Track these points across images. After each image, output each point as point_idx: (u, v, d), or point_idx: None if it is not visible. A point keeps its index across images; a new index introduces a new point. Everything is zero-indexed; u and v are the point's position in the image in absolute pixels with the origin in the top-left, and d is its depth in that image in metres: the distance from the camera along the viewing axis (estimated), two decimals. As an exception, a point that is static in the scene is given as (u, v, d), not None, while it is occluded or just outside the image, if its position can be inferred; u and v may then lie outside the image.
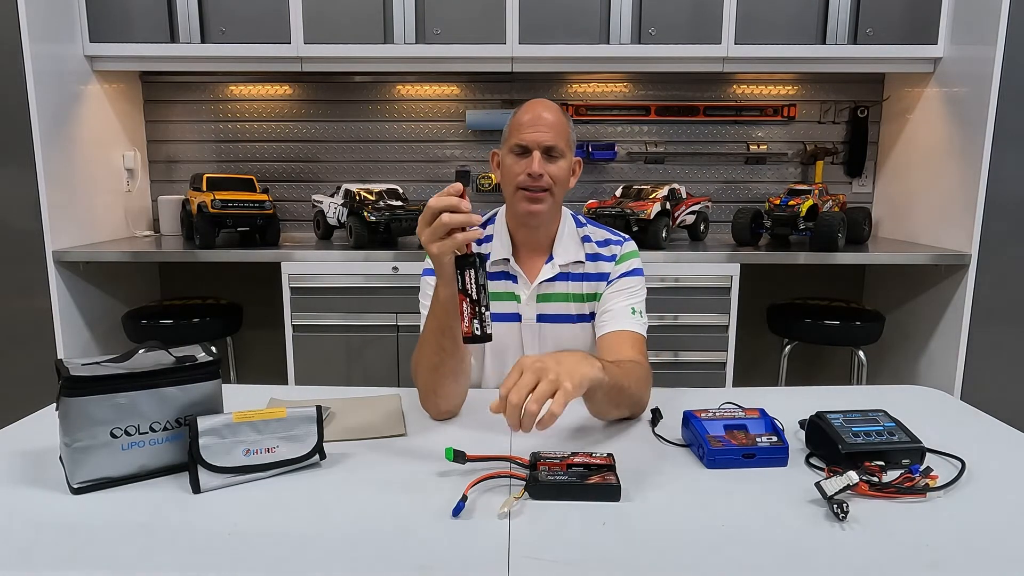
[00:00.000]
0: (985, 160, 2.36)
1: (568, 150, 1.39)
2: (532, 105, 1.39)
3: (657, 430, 1.16)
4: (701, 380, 2.52)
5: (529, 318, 1.44)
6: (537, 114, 1.37)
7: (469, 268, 1.01)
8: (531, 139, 1.35)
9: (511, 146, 1.38)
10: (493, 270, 1.44)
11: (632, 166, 3.09)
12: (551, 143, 1.35)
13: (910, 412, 1.13)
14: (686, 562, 0.77)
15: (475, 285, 1.01)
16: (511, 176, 1.38)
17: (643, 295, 1.44)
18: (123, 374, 0.94)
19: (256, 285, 2.88)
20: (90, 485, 0.92)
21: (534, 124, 1.36)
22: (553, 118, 1.37)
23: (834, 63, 2.64)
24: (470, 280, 1.01)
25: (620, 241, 1.50)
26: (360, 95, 3.04)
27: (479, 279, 1.02)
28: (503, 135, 1.43)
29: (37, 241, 2.40)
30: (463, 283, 1.02)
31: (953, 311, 2.53)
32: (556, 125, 1.37)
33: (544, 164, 1.35)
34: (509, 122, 1.42)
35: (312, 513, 0.87)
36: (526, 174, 1.35)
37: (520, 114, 1.39)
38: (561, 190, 1.39)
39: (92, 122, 2.67)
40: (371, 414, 1.22)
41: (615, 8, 2.57)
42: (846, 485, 0.87)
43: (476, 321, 1.02)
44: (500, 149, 1.45)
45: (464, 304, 1.02)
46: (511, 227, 1.45)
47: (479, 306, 1.01)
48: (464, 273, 1.02)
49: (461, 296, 1.02)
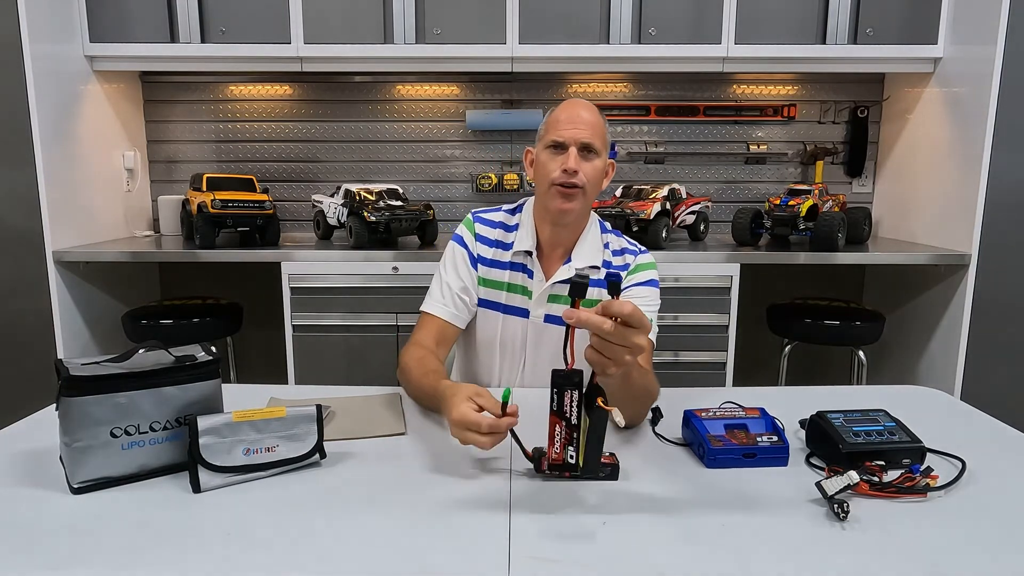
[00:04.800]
0: (985, 160, 2.36)
1: (604, 150, 1.39)
2: (570, 104, 1.39)
3: (657, 429, 1.16)
4: (701, 380, 2.52)
5: (537, 316, 1.44)
6: (575, 112, 1.37)
7: (572, 389, 0.87)
8: (569, 135, 1.35)
9: (547, 142, 1.38)
10: (514, 260, 1.45)
11: (632, 166, 3.09)
12: (588, 140, 1.35)
13: (910, 412, 1.13)
14: (686, 562, 0.77)
15: (576, 410, 0.88)
16: (546, 172, 1.37)
17: (656, 307, 1.43)
18: (123, 374, 0.94)
19: (256, 285, 2.88)
20: (90, 485, 0.92)
21: (572, 121, 1.36)
22: (591, 117, 1.37)
23: (834, 63, 2.64)
24: (570, 403, 0.88)
25: (636, 252, 1.49)
26: (360, 95, 3.04)
27: (581, 403, 0.88)
28: (539, 133, 1.43)
29: (37, 241, 2.40)
30: (560, 405, 0.88)
31: (953, 311, 2.52)
32: (593, 124, 1.37)
33: (579, 162, 1.35)
34: (546, 119, 1.42)
35: (312, 513, 0.87)
36: (561, 170, 1.34)
37: (558, 112, 1.39)
38: (594, 190, 1.39)
39: (92, 122, 2.67)
40: (371, 414, 1.22)
41: (615, 8, 2.57)
42: (846, 485, 0.87)
43: (571, 448, 0.89)
44: (534, 147, 1.45)
45: (559, 428, 0.89)
46: (538, 222, 1.45)
47: (577, 432, 0.89)
48: (564, 394, 0.88)
49: (556, 419, 0.89)
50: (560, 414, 0.89)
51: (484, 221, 1.50)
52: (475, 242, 1.48)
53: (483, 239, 1.48)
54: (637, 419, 1.18)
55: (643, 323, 0.84)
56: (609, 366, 0.86)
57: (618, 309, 0.83)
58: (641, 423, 1.19)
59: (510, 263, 1.45)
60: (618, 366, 0.86)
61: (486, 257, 1.46)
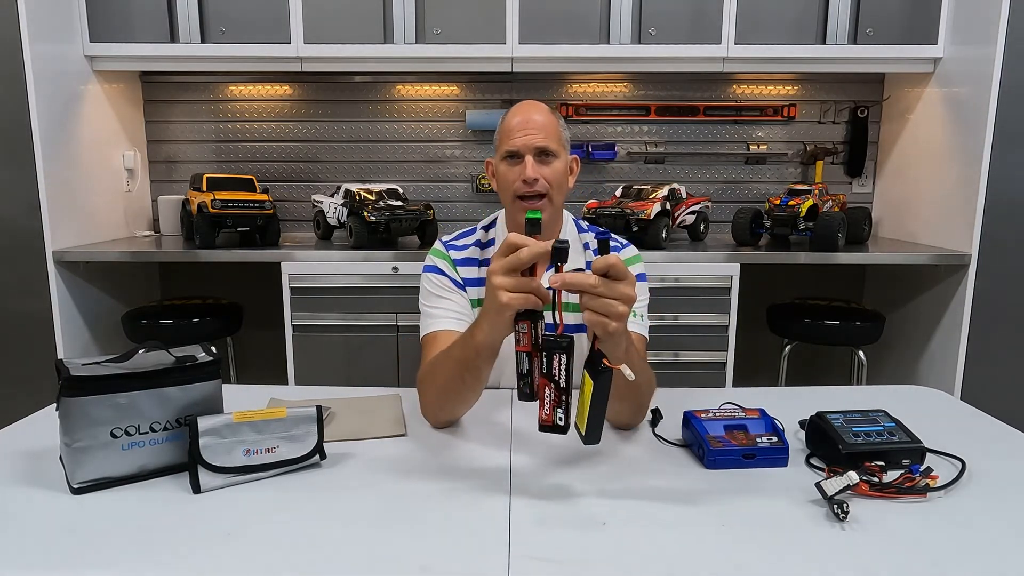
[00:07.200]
0: (985, 160, 2.36)
1: (562, 149, 1.35)
2: (519, 108, 1.35)
3: (657, 430, 1.16)
4: (701, 380, 2.52)
5: None
6: (525, 116, 1.32)
7: (560, 353, 0.90)
8: (521, 143, 1.31)
9: (503, 153, 1.34)
10: None
11: (632, 166, 3.09)
12: (542, 144, 1.31)
13: (910, 412, 1.13)
14: (686, 562, 0.77)
15: (564, 372, 0.90)
16: (507, 184, 1.34)
17: (646, 299, 1.40)
18: (123, 374, 0.94)
19: (256, 285, 2.88)
20: (90, 485, 0.92)
21: (523, 127, 1.31)
22: (542, 119, 1.32)
23: (834, 63, 2.64)
24: (559, 366, 0.90)
25: (619, 247, 1.46)
26: (360, 95, 3.04)
27: (569, 366, 0.90)
28: (494, 142, 1.39)
29: (37, 241, 2.40)
30: (550, 367, 0.91)
31: (953, 311, 2.52)
32: (546, 125, 1.32)
33: (538, 167, 1.31)
34: (499, 128, 1.37)
35: (312, 513, 0.87)
36: (521, 180, 1.31)
37: (508, 119, 1.34)
38: (559, 193, 1.35)
39: (92, 122, 2.67)
40: (371, 414, 1.22)
41: (615, 8, 2.57)
42: (846, 485, 0.87)
43: (560, 411, 0.91)
44: (493, 157, 1.40)
45: (547, 390, 0.91)
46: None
47: (566, 395, 0.91)
48: (552, 357, 0.90)
49: (544, 381, 0.91)
50: (550, 376, 0.91)
51: (457, 247, 1.44)
52: (453, 268, 1.41)
53: (463, 262, 1.42)
54: (638, 417, 1.17)
55: (627, 274, 0.87)
56: (607, 323, 0.88)
57: (602, 264, 0.86)
58: (641, 423, 1.19)
59: None
60: (616, 319, 0.88)
61: (472, 277, 1.41)
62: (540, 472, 1.00)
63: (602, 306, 0.87)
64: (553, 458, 1.04)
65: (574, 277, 0.87)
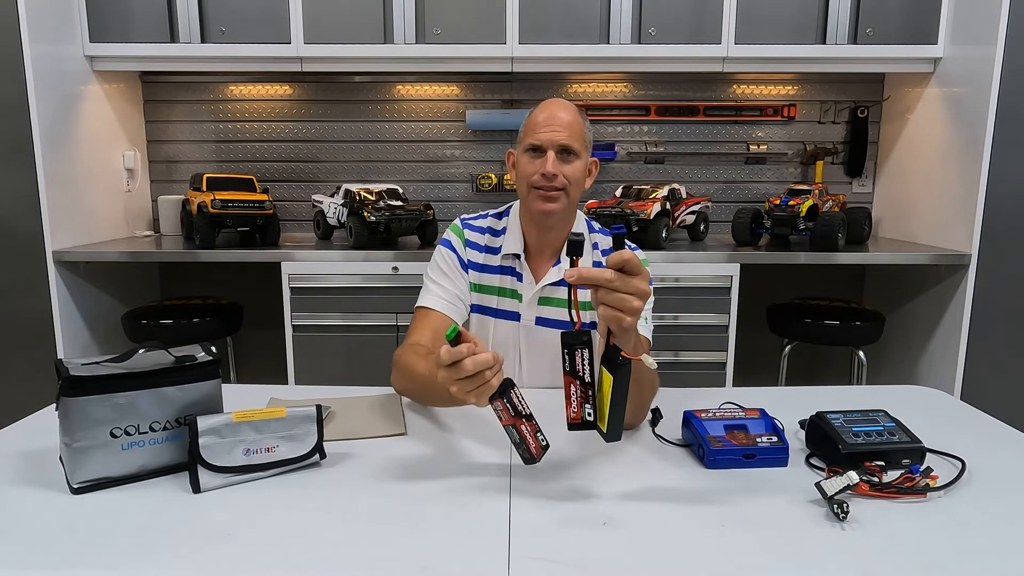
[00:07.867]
0: (985, 160, 2.36)
1: (584, 150, 1.38)
2: (547, 104, 1.38)
3: (657, 430, 1.16)
4: (701, 380, 2.52)
5: (528, 320, 1.43)
6: (552, 113, 1.36)
7: (582, 348, 0.89)
8: (545, 138, 1.34)
9: (526, 145, 1.38)
10: (504, 264, 1.44)
11: (632, 166, 3.09)
12: (566, 142, 1.34)
13: (910, 412, 1.13)
14: (686, 562, 0.77)
15: (588, 367, 0.89)
16: (525, 176, 1.37)
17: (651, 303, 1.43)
18: (123, 374, 0.94)
19: (256, 285, 2.88)
20: (90, 485, 0.92)
21: (549, 123, 1.35)
22: (569, 117, 1.36)
23: (834, 63, 2.64)
24: (582, 361, 0.89)
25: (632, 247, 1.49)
26: (360, 95, 3.04)
27: (592, 360, 0.90)
28: (518, 135, 1.42)
29: (37, 241, 2.40)
30: (572, 364, 0.89)
31: (953, 311, 2.52)
32: (572, 124, 1.35)
33: (559, 164, 1.34)
34: (524, 121, 1.41)
35: (312, 513, 0.87)
36: (540, 174, 1.34)
37: (535, 113, 1.38)
38: (576, 190, 1.38)
39: (92, 122, 2.67)
40: (371, 414, 1.22)
41: (615, 8, 2.57)
42: (846, 485, 0.87)
43: (588, 406, 0.90)
44: (515, 148, 1.44)
45: (573, 387, 0.90)
46: (524, 225, 1.44)
47: (591, 389, 0.90)
48: (575, 353, 0.89)
49: (570, 379, 0.90)
50: (573, 373, 0.90)
51: (472, 227, 1.48)
52: (465, 248, 1.46)
53: (472, 244, 1.46)
54: (639, 416, 1.18)
55: (641, 269, 0.87)
56: (623, 318, 0.87)
57: (617, 259, 0.86)
58: (641, 422, 1.19)
59: (499, 267, 1.44)
60: (630, 314, 0.88)
61: (476, 262, 1.45)
62: (540, 472, 0.99)
63: (617, 301, 0.87)
64: (553, 458, 1.04)
65: (590, 271, 0.87)
